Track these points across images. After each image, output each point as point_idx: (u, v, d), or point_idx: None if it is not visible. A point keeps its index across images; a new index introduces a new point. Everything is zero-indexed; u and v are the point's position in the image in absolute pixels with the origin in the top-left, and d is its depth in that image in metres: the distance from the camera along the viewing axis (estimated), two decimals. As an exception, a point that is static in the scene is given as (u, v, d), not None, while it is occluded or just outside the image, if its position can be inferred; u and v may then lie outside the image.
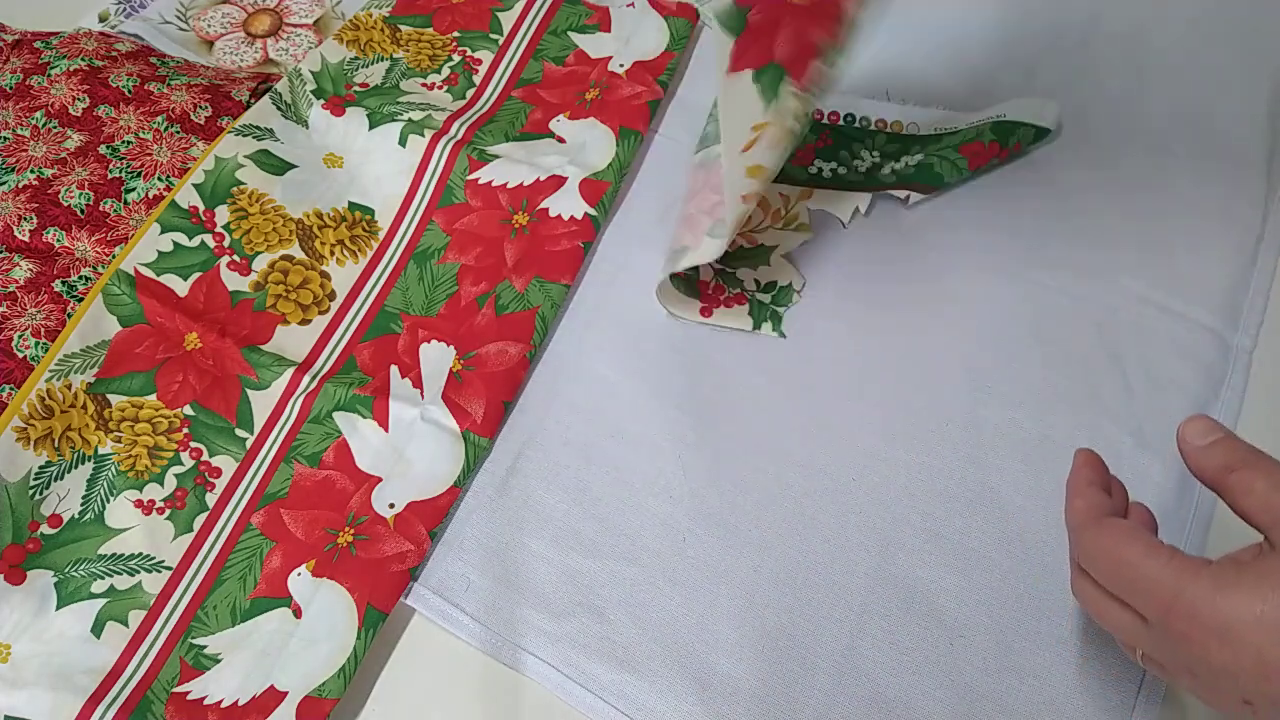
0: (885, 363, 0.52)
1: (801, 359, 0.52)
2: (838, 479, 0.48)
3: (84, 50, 0.62)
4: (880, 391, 0.51)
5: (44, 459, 0.48)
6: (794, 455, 0.49)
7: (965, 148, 0.56)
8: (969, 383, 0.51)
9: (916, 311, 0.53)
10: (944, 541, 0.46)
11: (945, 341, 0.52)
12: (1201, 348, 0.51)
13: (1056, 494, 0.41)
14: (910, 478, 0.48)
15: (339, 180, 0.59)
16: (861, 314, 0.53)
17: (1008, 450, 0.49)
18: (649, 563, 0.47)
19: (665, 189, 0.59)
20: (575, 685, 0.44)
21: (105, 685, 0.44)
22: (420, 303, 0.55)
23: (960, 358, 0.52)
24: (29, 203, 0.55)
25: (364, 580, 0.46)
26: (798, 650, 0.44)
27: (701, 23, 0.66)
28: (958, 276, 0.54)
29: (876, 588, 0.46)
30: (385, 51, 0.64)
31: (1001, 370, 0.51)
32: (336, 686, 0.43)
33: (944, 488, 0.48)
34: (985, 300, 0.53)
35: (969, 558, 0.46)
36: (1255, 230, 0.54)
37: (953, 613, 0.45)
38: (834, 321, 0.53)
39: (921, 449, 0.49)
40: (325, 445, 0.50)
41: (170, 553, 0.48)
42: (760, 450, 0.49)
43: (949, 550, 0.46)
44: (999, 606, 0.45)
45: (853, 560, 0.46)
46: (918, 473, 0.48)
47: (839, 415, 0.50)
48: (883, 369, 0.52)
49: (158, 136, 0.58)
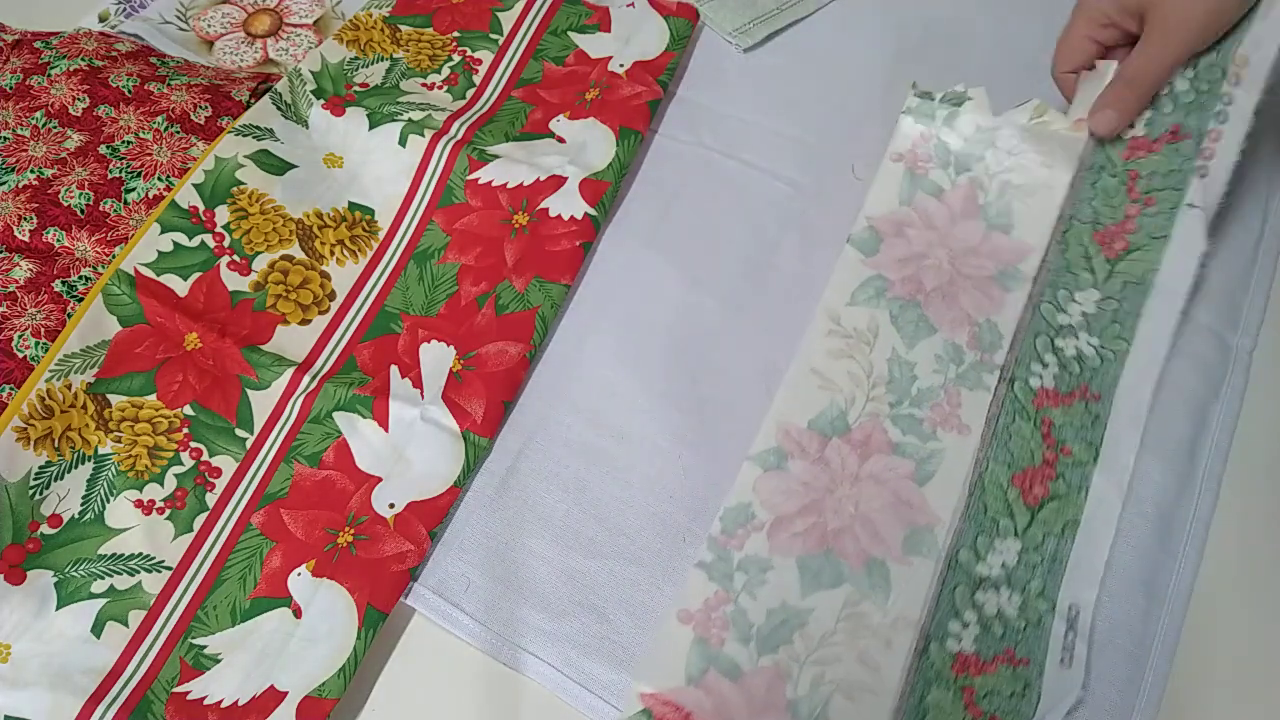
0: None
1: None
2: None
3: (84, 50, 0.62)
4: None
5: (44, 459, 0.48)
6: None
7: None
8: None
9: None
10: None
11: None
12: (1201, 348, 0.51)
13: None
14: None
15: (339, 180, 0.59)
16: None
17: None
18: (649, 563, 0.47)
19: (665, 189, 0.59)
20: (575, 685, 0.44)
21: (105, 685, 0.44)
22: (420, 303, 0.55)
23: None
24: (29, 203, 0.55)
25: (364, 580, 0.46)
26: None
27: (701, 23, 0.66)
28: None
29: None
30: (385, 51, 0.64)
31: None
32: (336, 686, 0.43)
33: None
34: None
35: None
36: (1255, 230, 0.54)
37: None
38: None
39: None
40: (325, 445, 0.50)
41: (170, 553, 0.48)
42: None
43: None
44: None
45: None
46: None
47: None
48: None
49: (158, 136, 0.58)
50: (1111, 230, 0.50)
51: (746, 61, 0.64)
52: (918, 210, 0.53)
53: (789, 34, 0.65)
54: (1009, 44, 0.63)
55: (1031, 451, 0.47)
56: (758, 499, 0.46)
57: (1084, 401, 0.47)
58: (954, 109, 0.54)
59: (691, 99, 0.63)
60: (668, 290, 0.55)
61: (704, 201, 0.58)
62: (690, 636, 0.43)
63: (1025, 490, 0.46)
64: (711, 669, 0.42)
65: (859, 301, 0.51)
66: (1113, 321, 0.49)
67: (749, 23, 0.65)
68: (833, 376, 0.49)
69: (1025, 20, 0.64)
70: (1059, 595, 0.44)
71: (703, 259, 0.56)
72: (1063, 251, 0.50)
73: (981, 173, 0.53)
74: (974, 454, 0.46)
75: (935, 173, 0.54)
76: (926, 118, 0.55)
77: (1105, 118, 0.50)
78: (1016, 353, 0.49)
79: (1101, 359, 0.48)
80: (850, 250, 0.52)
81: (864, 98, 0.62)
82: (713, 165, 0.60)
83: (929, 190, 0.54)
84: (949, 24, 0.64)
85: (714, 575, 0.44)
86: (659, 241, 0.57)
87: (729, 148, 0.60)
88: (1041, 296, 0.50)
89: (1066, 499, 0.46)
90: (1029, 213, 0.52)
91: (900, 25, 0.65)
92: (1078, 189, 0.52)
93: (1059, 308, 0.50)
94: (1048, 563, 0.44)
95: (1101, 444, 0.47)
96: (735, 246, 0.56)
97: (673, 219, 0.58)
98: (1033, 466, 0.46)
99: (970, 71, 0.62)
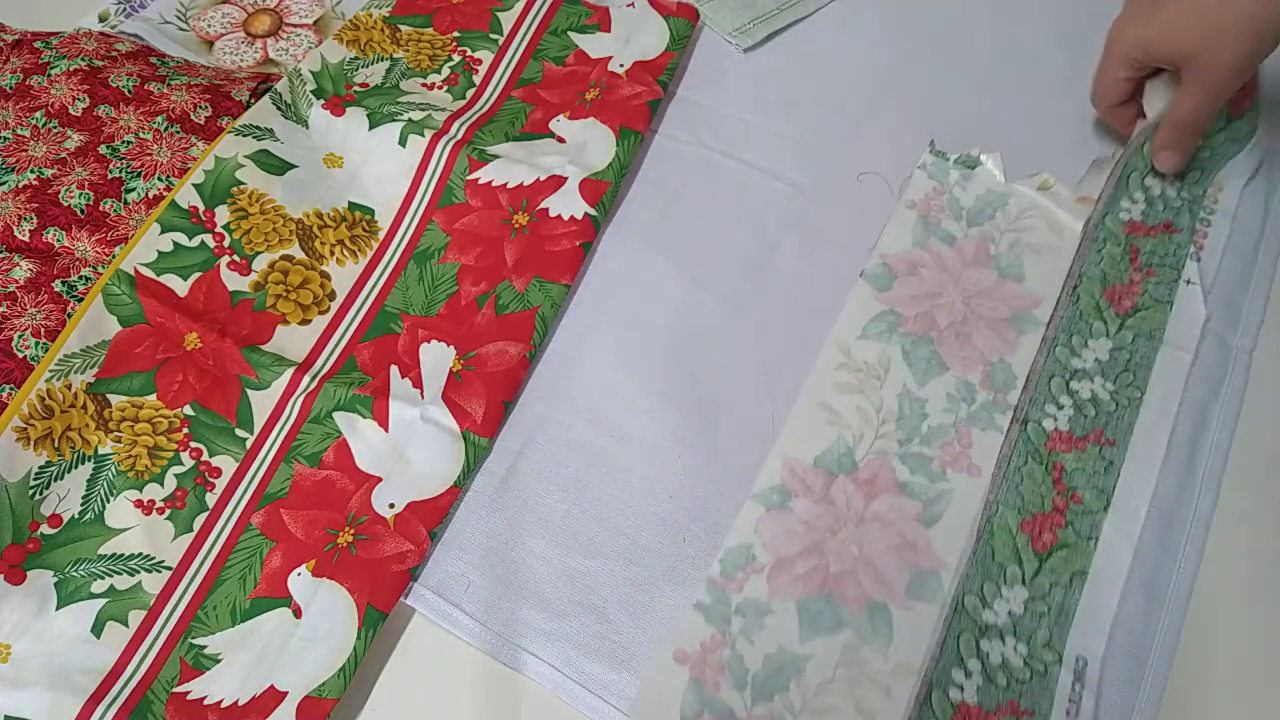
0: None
1: (803, 358, 0.52)
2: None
3: (84, 50, 0.62)
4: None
5: (44, 459, 0.48)
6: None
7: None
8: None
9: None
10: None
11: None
12: (1202, 348, 0.51)
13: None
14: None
15: (339, 180, 0.59)
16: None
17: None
18: (649, 563, 0.47)
19: (665, 189, 0.59)
20: (575, 685, 0.44)
21: (105, 685, 0.44)
22: (420, 303, 0.55)
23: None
24: (29, 203, 0.55)
25: (364, 580, 0.46)
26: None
27: (701, 23, 0.66)
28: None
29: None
30: (385, 51, 0.64)
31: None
32: (336, 686, 0.43)
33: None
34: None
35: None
36: (1255, 230, 0.54)
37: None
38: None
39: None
40: (325, 445, 0.50)
41: (170, 553, 0.48)
42: (761, 450, 0.49)
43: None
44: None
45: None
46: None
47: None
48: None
49: (158, 136, 0.58)
50: (1120, 289, 0.51)
51: (746, 61, 0.64)
52: (930, 253, 0.53)
53: (789, 34, 0.65)
54: (1009, 44, 0.63)
55: (1042, 497, 0.46)
56: (759, 540, 0.46)
57: (1098, 446, 0.47)
58: (967, 170, 0.55)
59: (691, 99, 0.63)
60: (668, 290, 0.55)
61: (704, 201, 0.58)
62: (686, 677, 0.43)
63: (1034, 536, 0.45)
64: (706, 712, 0.42)
65: (871, 335, 0.51)
66: (1125, 370, 0.49)
67: (749, 23, 0.65)
68: (841, 411, 0.49)
69: (1025, 20, 0.64)
70: (1066, 647, 0.43)
71: (703, 259, 0.56)
72: (1074, 303, 0.51)
73: (993, 229, 0.54)
74: (984, 496, 0.46)
75: (948, 222, 0.54)
76: (940, 176, 0.56)
77: (1168, 158, 0.52)
78: (1031, 393, 0.48)
79: (1116, 404, 0.48)
80: (863, 284, 0.52)
81: (864, 98, 0.62)
82: (713, 165, 0.60)
83: (941, 237, 0.54)
84: (949, 24, 0.64)
85: (711, 618, 0.44)
86: (659, 241, 0.57)
87: (729, 148, 0.60)
88: (1056, 340, 0.50)
89: (1075, 548, 0.45)
90: (1040, 267, 0.52)
91: (900, 25, 0.65)
92: (1085, 254, 0.52)
93: (1073, 352, 0.49)
94: (1055, 613, 0.43)
95: (1113, 492, 0.46)
96: (735, 246, 0.56)
97: (673, 219, 0.58)
98: (1042, 513, 0.46)
99: (970, 71, 0.62)
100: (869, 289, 0.52)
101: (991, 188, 0.55)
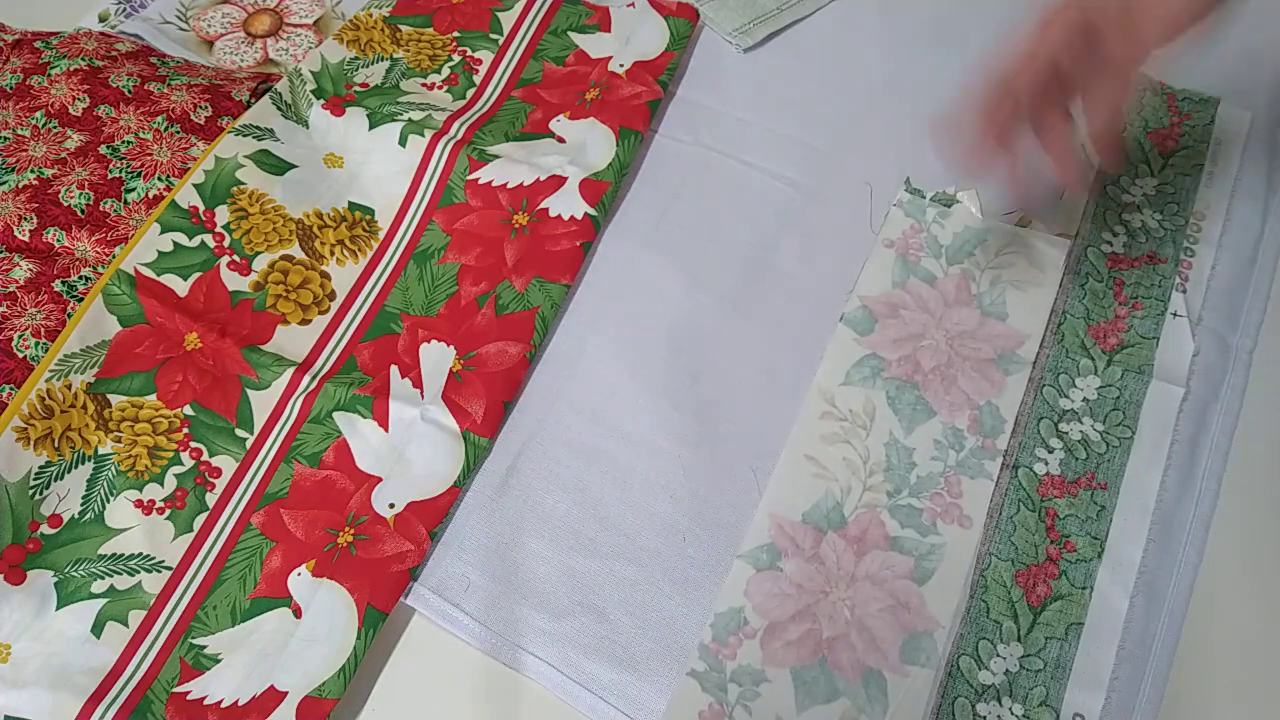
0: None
1: (803, 359, 0.52)
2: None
3: (84, 50, 0.62)
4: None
5: (44, 459, 0.48)
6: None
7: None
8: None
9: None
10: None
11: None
12: (1202, 348, 0.51)
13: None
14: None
15: (339, 180, 0.59)
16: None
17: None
18: (649, 563, 0.47)
19: (665, 189, 0.59)
20: (575, 685, 0.44)
21: (105, 685, 0.44)
22: (420, 303, 0.55)
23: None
24: (29, 203, 0.55)
25: (364, 580, 0.46)
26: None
27: (701, 23, 0.66)
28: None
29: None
30: (385, 51, 0.64)
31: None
32: (336, 686, 0.43)
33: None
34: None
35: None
36: (1255, 230, 0.54)
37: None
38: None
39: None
40: (325, 445, 0.50)
41: (170, 553, 0.48)
42: (761, 450, 0.49)
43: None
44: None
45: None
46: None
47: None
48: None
49: (158, 136, 0.58)
50: (1104, 326, 0.51)
51: (746, 61, 0.64)
52: (911, 294, 0.53)
53: (789, 34, 0.65)
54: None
55: (1035, 546, 0.45)
56: (750, 604, 0.45)
57: (1089, 490, 0.47)
58: (944, 208, 0.55)
59: (691, 99, 0.63)
60: (668, 290, 0.55)
61: (704, 201, 0.58)
62: None
63: (1029, 589, 0.44)
64: None
65: (854, 381, 0.50)
66: (1114, 409, 0.48)
67: (749, 23, 0.65)
68: (827, 464, 0.48)
69: (1024, 20, 0.64)
70: (1063, 703, 0.42)
71: (703, 259, 0.56)
72: (1059, 341, 0.50)
73: (973, 266, 0.53)
74: (975, 549, 0.45)
75: (927, 260, 0.54)
76: (917, 213, 0.55)
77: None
78: (1020, 437, 0.48)
79: (1107, 444, 0.48)
80: (844, 329, 0.52)
81: (864, 98, 0.62)
82: (713, 165, 0.60)
83: (921, 276, 0.53)
84: (948, 24, 0.64)
85: (707, 686, 0.43)
86: (659, 241, 0.57)
87: (729, 148, 0.60)
88: (1043, 380, 0.49)
89: (1070, 599, 0.44)
90: (1023, 304, 0.52)
91: (900, 25, 0.65)
92: (1067, 289, 0.52)
93: (1061, 392, 0.49)
94: (1051, 668, 0.43)
95: (1107, 538, 0.46)
96: (735, 246, 0.56)
97: (673, 219, 0.58)
98: (1036, 563, 0.45)
99: (970, 71, 0.62)
100: (849, 333, 0.51)
101: (969, 224, 0.54)
